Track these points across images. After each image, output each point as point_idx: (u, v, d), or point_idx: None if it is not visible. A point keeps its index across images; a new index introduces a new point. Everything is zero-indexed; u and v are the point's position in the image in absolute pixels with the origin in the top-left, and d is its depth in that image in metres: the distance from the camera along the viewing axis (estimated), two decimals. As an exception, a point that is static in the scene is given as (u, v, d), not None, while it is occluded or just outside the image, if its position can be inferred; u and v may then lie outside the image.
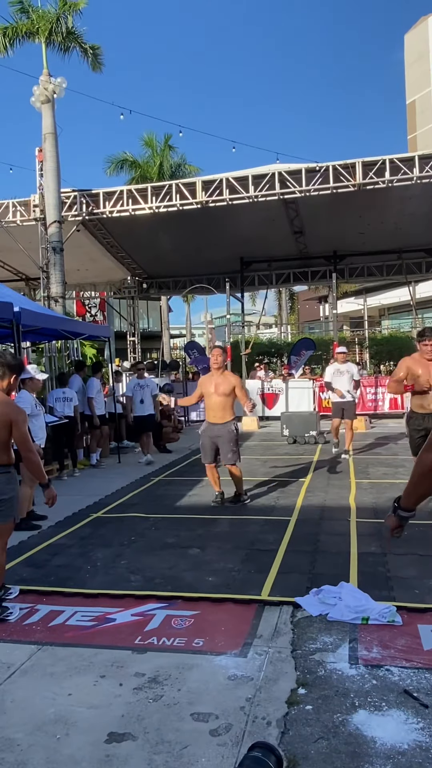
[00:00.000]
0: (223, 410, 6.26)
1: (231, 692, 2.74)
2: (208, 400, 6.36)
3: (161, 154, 24.51)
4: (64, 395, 8.66)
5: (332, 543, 4.91)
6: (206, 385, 6.38)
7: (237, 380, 6.41)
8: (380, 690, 2.71)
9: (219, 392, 6.24)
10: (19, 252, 13.61)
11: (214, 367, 6.38)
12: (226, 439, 6.24)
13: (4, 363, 3.76)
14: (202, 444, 6.44)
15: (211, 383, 6.32)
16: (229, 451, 6.25)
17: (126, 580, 4.20)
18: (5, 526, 3.72)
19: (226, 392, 6.23)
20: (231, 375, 6.50)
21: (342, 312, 27.93)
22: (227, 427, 6.27)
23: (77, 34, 12.76)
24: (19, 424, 3.61)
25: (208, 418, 6.41)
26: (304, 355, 18.25)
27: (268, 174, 12.21)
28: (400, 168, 11.45)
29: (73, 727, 2.53)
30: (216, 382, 6.29)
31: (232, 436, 6.28)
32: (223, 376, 6.34)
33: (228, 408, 6.29)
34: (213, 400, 6.29)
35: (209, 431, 6.35)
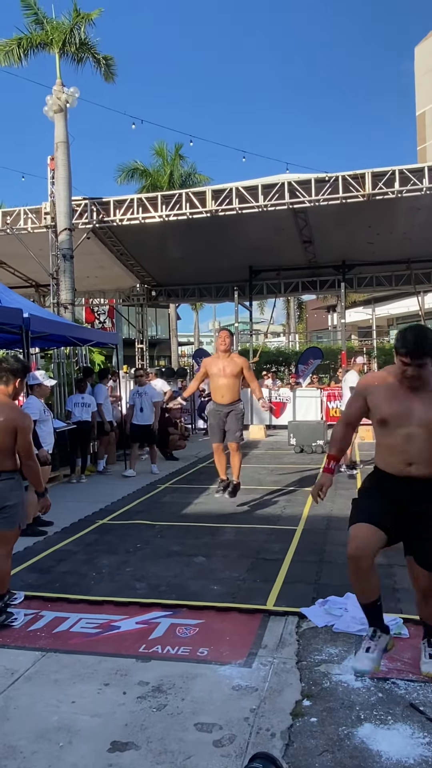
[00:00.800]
0: (231, 391, 6.31)
1: (235, 703, 2.72)
2: (214, 381, 6.39)
3: (171, 164, 24.68)
4: (83, 400, 8.91)
5: (338, 553, 4.87)
6: (212, 367, 6.39)
7: (245, 362, 6.43)
8: (386, 703, 2.68)
9: (226, 373, 6.27)
10: (29, 259, 13.70)
11: (220, 348, 6.39)
12: (234, 419, 6.31)
13: (7, 368, 3.77)
14: (210, 424, 6.52)
15: (218, 364, 6.34)
16: (237, 430, 6.34)
17: (131, 588, 4.19)
18: (10, 533, 3.71)
19: (234, 373, 6.27)
20: (238, 357, 6.52)
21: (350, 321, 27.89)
22: (235, 406, 6.33)
23: (90, 44, 12.90)
24: (24, 431, 3.62)
25: (214, 398, 6.44)
26: (311, 363, 18.26)
27: (278, 184, 12.25)
28: (409, 179, 11.46)
29: (76, 735, 2.52)
30: (223, 364, 6.32)
31: (239, 416, 6.36)
32: (229, 358, 6.36)
33: (235, 389, 6.34)
34: (220, 381, 6.32)
35: (216, 412, 6.40)
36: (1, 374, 3.76)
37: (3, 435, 3.59)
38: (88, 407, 8.85)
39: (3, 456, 3.64)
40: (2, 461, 3.65)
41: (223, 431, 6.38)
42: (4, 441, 3.60)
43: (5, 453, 3.64)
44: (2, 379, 3.78)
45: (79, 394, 9.06)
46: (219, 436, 6.41)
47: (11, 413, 3.64)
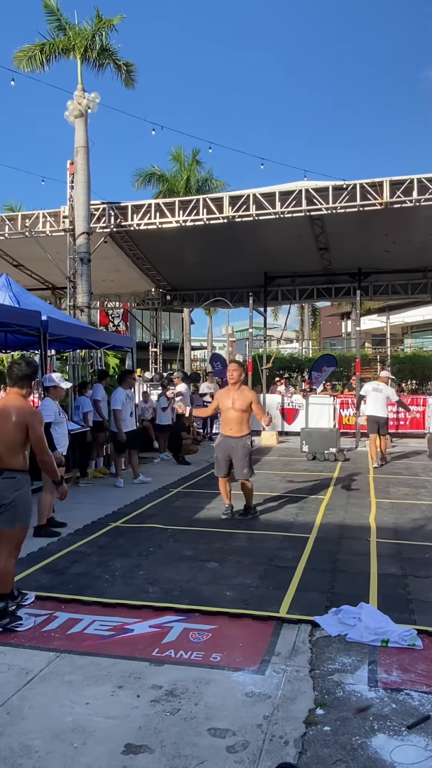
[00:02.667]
0: (239, 425, 6.33)
1: (248, 709, 2.73)
2: (224, 414, 6.45)
3: (189, 169, 24.80)
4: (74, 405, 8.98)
5: (352, 562, 4.87)
6: (223, 400, 6.46)
7: (253, 396, 6.49)
8: (400, 714, 2.67)
9: (235, 407, 6.30)
10: (46, 261, 13.84)
11: (230, 382, 6.45)
12: (241, 454, 6.29)
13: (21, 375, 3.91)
14: (216, 457, 6.51)
15: (228, 398, 6.39)
16: (244, 466, 6.29)
17: (144, 591, 4.21)
18: (10, 532, 3.70)
19: (243, 408, 6.29)
20: (248, 390, 6.57)
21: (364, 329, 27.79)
22: (242, 441, 6.33)
23: (112, 50, 13.03)
24: (35, 426, 3.73)
25: (223, 431, 6.50)
26: (325, 371, 18.22)
27: (295, 191, 12.28)
28: (427, 187, 11.44)
29: (90, 736, 2.54)
30: (233, 397, 6.35)
31: (246, 451, 6.33)
32: (239, 391, 6.39)
33: (244, 423, 6.35)
34: (229, 414, 6.36)
35: (224, 445, 6.42)
36: (17, 380, 3.91)
37: (14, 433, 3.69)
38: (77, 410, 8.88)
39: (11, 453, 3.70)
40: (10, 459, 3.70)
41: (228, 465, 6.37)
42: (14, 438, 3.69)
43: (14, 450, 3.70)
44: (17, 383, 3.92)
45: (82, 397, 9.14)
46: (224, 470, 6.40)
47: (21, 411, 3.74)
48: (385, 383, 10.60)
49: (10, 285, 7.75)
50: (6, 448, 3.70)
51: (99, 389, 9.47)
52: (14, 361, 4.01)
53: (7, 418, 3.70)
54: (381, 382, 10.62)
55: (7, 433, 3.69)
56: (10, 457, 3.70)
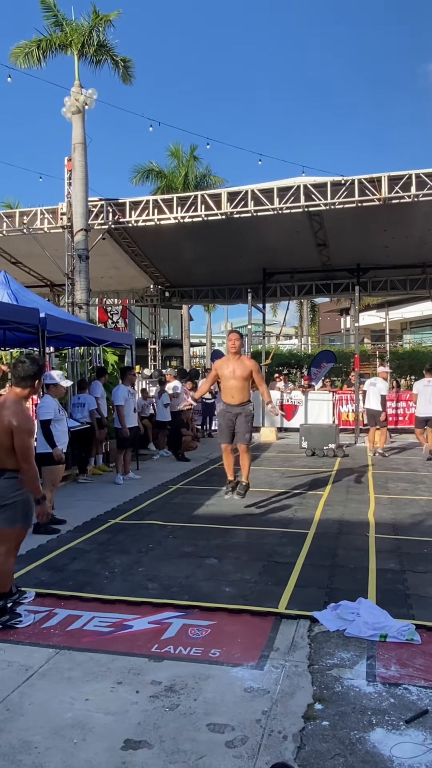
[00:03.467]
0: (240, 392, 6.37)
1: (247, 704, 2.74)
2: (225, 383, 6.45)
3: (187, 165, 24.75)
4: (78, 401, 8.99)
5: (351, 558, 4.88)
6: (223, 369, 6.47)
7: (254, 365, 6.51)
8: (398, 709, 2.68)
9: (236, 375, 6.33)
10: (45, 258, 13.81)
11: (231, 351, 6.47)
12: (243, 420, 6.35)
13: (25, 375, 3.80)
14: (219, 425, 6.58)
15: (228, 367, 6.41)
16: (246, 432, 6.37)
17: (143, 588, 4.22)
18: (11, 531, 3.68)
19: (244, 376, 6.33)
20: (248, 359, 6.59)
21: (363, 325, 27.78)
22: (245, 407, 6.38)
23: (109, 46, 12.98)
24: (20, 432, 3.58)
25: (224, 399, 6.51)
26: (324, 367, 18.21)
27: (294, 186, 12.25)
28: (426, 183, 11.40)
29: (90, 732, 2.55)
30: (233, 366, 6.38)
31: (249, 417, 6.40)
32: (239, 360, 6.42)
33: (245, 391, 6.40)
34: (230, 383, 6.38)
35: (226, 412, 6.45)
36: (20, 380, 3.81)
37: (3, 436, 3.60)
38: (83, 407, 8.93)
39: (9, 454, 3.64)
40: (9, 460, 3.65)
41: (232, 432, 6.42)
42: (4, 442, 3.61)
43: (8, 452, 3.64)
44: (20, 383, 3.82)
45: (76, 395, 9.17)
46: (228, 436, 6.45)
47: (12, 415, 3.63)
48: (382, 379, 11.17)
49: (9, 282, 7.74)
50: (3, 450, 3.65)
51: (97, 386, 9.49)
52: (19, 359, 3.91)
53: (1, 421, 3.62)
54: (379, 378, 11.23)
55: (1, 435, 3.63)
56: (9, 457, 3.66)
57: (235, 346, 6.43)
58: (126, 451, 8.62)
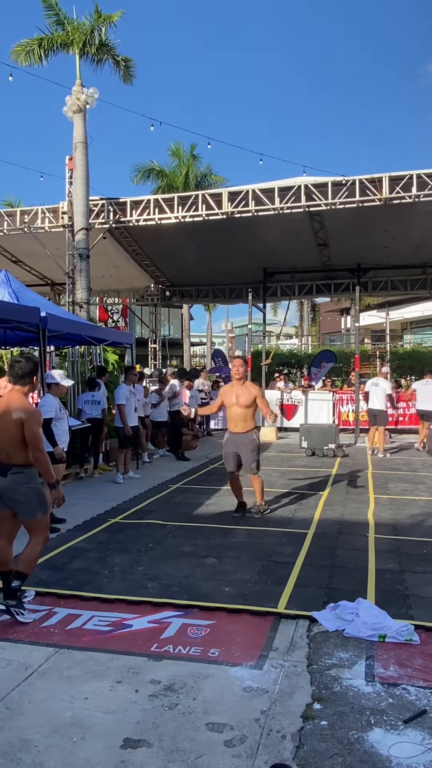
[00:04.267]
0: (245, 420, 6.30)
1: (246, 704, 2.75)
2: (229, 410, 6.40)
3: (187, 164, 24.76)
4: (93, 398, 9.02)
5: (350, 558, 4.89)
6: (227, 396, 6.41)
7: (258, 391, 6.44)
8: (397, 709, 2.69)
9: (240, 403, 6.27)
10: (46, 257, 13.82)
11: (235, 377, 6.42)
12: (248, 449, 6.28)
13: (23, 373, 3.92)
14: (225, 454, 6.49)
15: (233, 394, 6.34)
16: (252, 461, 6.29)
17: (143, 587, 4.23)
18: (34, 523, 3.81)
19: (247, 403, 6.26)
20: (252, 386, 6.52)
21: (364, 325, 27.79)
22: (249, 436, 6.31)
23: (110, 46, 12.97)
24: (30, 423, 3.72)
25: (229, 428, 6.45)
26: (324, 366, 18.21)
27: (294, 186, 12.25)
28: (427, 183, 11.40)
29: (89, 731, 2.56)
30: (237, 393, 6.31)
31: (253, 446, 6.31)
32: (244, 387, 6.36)
33: (249, 418, 6.33)
34: (234, 411, 6.33)
35: (231, 441, 6.40)
36: (19, 378, 3.93)
37: (14, 430, 3.73)
38: (98, 405, 8.98)
39: (16, 450, 3.75)
40: (16, 456, 3.75)
41: (237, 460, 6.37)
42: (17, 435, 3.73)
43: (18, 447, 3.75)
44: (19, 381, 3.95)
45: (90, 392, 9.20)
46: (233, 465, 6.39)
47: (18, 408, 3.76)
48: (384, 378, 11.48)
49: (9, 281, 7.74)
50: (11, 445, 3.75)
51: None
52: (15, 359, 4.03)
53: (8, 416, 3.75)
54: (380, 378, 11.54)
55: (9, 431, 3.74)
56: (16, 453, 3.75)
57: (239, 373, 6.35)
58: (126, 451, 8.64)
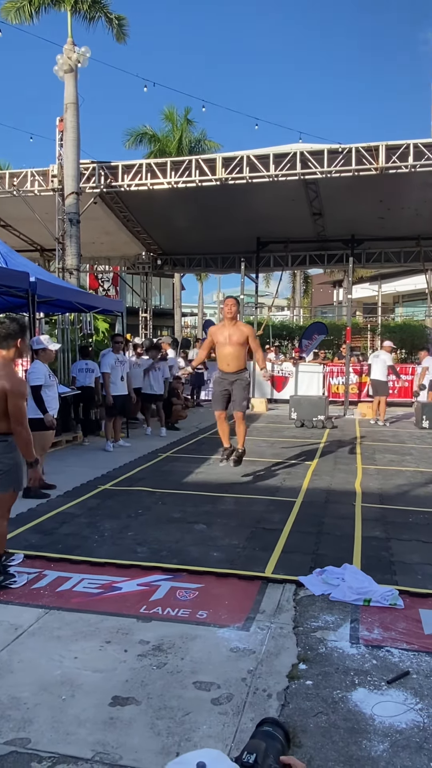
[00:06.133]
0: (237, 359, 6.31)
1: (233, 664, 2.80)
2: (220, 350, 6.37)
3: (181, 129, 24.20)
4: (86, 366, 9.10)
5: (337, 526, 4.95)
6: (218, 335, 6.38)
7: (251, 330, 6.44)
8: (380, 670, 2.75)
9: (232, 342, 6.26)
10: (35, 222, 13.55)
11: (227, 316, 6.39)
12: (240, 387, 6.32)
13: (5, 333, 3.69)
14: (214, 392, 6.53)
15: (224, 333, 6.33)
16: (243, 399, 6.35)
17: (132, 551, 4.26)
18: (4, 495, 3.69)
19: (240, 342, 6.26)
20: (244, 325, 6.50)
21: (356, 297, 27.71)
22: (241, 375, 6.34)
23: (103, 3, 12.55)
24: (14, 395, 3.55)
25: (220, 367, 6.43)
26: (315, 339, 18.21)
27: (290, 153, 12.03)
28: (424, 153, 11.24)
29: (78, 689, 2.60)
30: (229, 332, 6.30)
31: (245, 384, 6.37)
32: (235, 326, 6.35)
33: (241, 358, 6.33)
34: (226, 350, 6.31)
35: (222, 380, 6.40)
36: (3, 340, 3.69)
37: None
38: (92, 373, 8.98)
39: None
40: None
41: (227, 399, 6.40)
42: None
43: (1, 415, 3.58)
44: (3, 344, 3.71)
45: (83, 360, 9.29)
46: (222, 403, 6.43)
47: (3, 377, 3.57)
48: (386, 352, 11.83)
49: (-2, 245, 7.60)
50: None
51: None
52: None
53: None
54: (382, 350, 11.95)
55: None
56: (1, 421, 3.60)
57: (231, 312, 6.32)
58: (116, 419, 8.62)
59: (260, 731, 1.13)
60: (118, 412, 8.63)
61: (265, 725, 1.15)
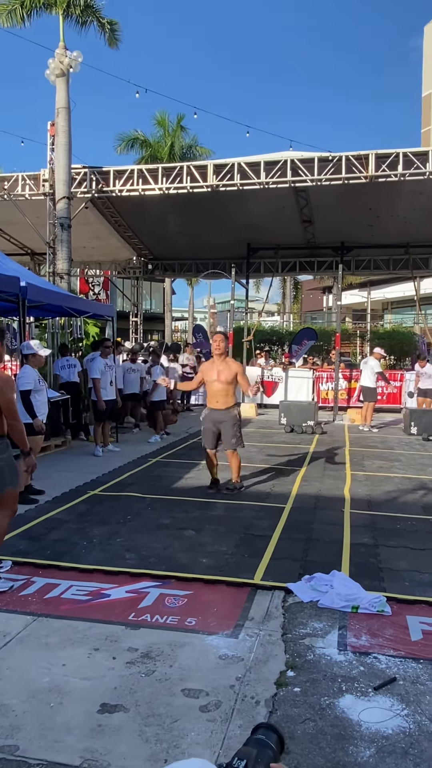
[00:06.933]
0: (226, 396, 6.24)
1: (221, 671, 2.81)
2: (210, 386, 6.31)
3: (173, 135, 24.26)
4: (68, 363, 9.34)
5: (326, 532, 4.98)
6: (208, 372, 6.33)
7: (239, 367, 6.38)
8: (367, 676, 2.78)
9: (221, 379, 6.20)
10: (25, 226, 13.53)
11: (216, 353, 6.33)
12: (230, 425, 6.22)
13: None
14: (204, 429, 6.40)
15: (213, 370, 6.27)
16: (233, 437, 6.24)
17: (121, 558, 4.26)
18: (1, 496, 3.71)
19: (228, 379, 6.20)
20: (233, 362, 6.46)
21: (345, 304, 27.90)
22: (230, 412, 6.26)
23: (95, 8, 12.61)
24: (4, 391, 3.61)
25: (210, 404, 6.37)
26: (305, 344, 18.29)
27: (281, 161, 12.13)
28: (413, 162, 11.38)
29: (66, 696, 2.60)
30: (218, 369, 6.24)
31: (235, 421, 6.26)
32: (225, 362, 6.29)
33: (230, 394, 6.27)
34: (215, 387, 6.25)
35: (211, 417, 6.32)
36: None
37: None
38: (74, 368, 9.21)
39: None
40: None
41: (217, 438, 6.31)
42: None
43: None
44: None
45: (63, 358, 9.59)
46: (212, 442, 6.34)
47: None
48: (375, 358, 11.95)
49: (-12, 249, 7.58)
50: None
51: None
52: None
53: None
54: (371, 357, 12.08)
55: None
56: None
57: (219, 348, 6.24)
58: (105, 424, 8.61)
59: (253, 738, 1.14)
60: (107, 417, 8.62)
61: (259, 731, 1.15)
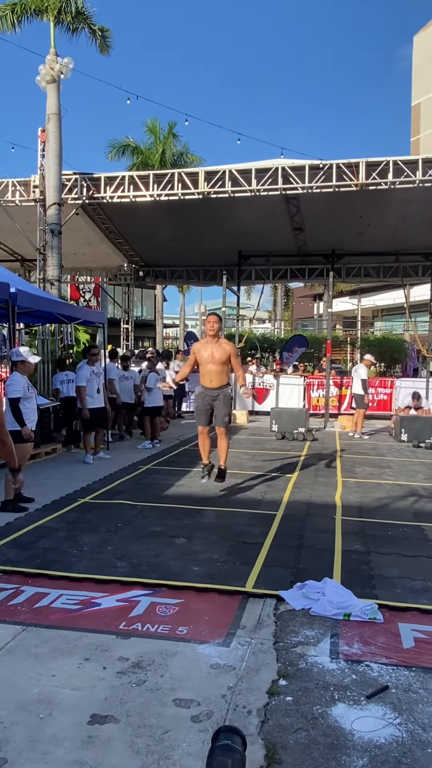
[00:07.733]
0: (219, 376, 6.34)
1: (213, 680, 2.78)
2: (203, 367, 6.40)
3: (164, 142, 24.36)
4: (67, 377, 9.31)
5: (317, 539, 4.97)
6: (201, 352, 6.39)
7: (233, 348, 6.44)
8: (359, 685, 2.76)
9: (215, 360, 6.28)
10: (15, 232, 13.50)
11: (209, 334, 6.39)
12: (222, 402, 6.35)
13: None
14: (197, 407, 6.52)
15: (207, 350, 6.34)
16: (225, 414, 6.38)
17: (112, 566, 4.22)
18: None
19: (222, 360, 6.29)
20: (226, 342, 6.50)
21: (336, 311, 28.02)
22: (223, 390, 6.37)
23: (86, 14, 12.64)
24: None
25: (203, 383, 6.44)
26: (296, 351, 18.36)
27: (272, 168, 12.20)
28: (403, 170, 11.48)
29: (56, 707, 2.56)
30: (211, 349, 6.32)
31: (227, 400, 6.40)
32: (218, 343, 6.36)
33: (223, 374, 6.37)
34: (208, 367, 6.34)
35: (205, 395, 6.41)
36: None
37: None
38: (73, 383, 9.08)
39: None
40: None
41: (210, 415, 6.42)
42: None
43: None
44: None
45: (63, 372, 9.50)
46: (205, 419, 6.44)
47: None
48: (364, 365, 12.15)
49: (-22, 255, 7.54)
50: None
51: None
52: None
53: None
54: (361, 364, 12.30)
55: None
56: None
57: (213, 329, 6.34)
58: (97, 432, 8.58)
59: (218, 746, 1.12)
60: (96, 425, 8.57)
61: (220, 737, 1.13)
